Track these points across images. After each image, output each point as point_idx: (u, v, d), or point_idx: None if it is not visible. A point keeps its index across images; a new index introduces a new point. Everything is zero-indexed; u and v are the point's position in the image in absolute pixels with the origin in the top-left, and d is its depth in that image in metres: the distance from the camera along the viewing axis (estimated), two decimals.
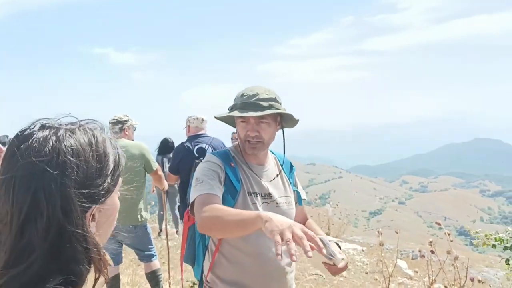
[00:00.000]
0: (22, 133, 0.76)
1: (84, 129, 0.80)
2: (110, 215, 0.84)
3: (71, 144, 0.75)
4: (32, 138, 0.74)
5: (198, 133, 4.64)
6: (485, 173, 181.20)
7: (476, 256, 10.90)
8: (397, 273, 6.02)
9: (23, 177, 0.71)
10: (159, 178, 4.46)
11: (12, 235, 0.70)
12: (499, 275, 6.39)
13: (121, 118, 4.24)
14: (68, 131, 0.77)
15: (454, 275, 2.90)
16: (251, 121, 1.86)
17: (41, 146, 0.73)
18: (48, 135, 0.74)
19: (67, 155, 0.73)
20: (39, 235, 0.69)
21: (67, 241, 0.71)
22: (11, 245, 0.70)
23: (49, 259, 0.70)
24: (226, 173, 1.87)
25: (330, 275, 1.80)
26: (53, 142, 0.73)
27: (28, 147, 0.73)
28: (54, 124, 0.78)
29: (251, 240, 1.85)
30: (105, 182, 0.78)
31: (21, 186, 0.70)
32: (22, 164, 0.71)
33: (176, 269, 5.88)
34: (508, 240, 3.42)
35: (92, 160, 0.77)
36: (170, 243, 6.18)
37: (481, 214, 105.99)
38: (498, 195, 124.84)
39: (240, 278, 1.88)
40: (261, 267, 1.87)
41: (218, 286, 1.91)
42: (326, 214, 9.20)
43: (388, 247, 7.41)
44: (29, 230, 0.69)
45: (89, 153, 0.76)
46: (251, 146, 1.89)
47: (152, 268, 4.34)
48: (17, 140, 0.75)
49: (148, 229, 4.35)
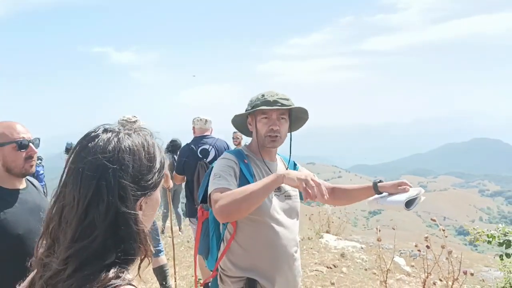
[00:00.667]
0: (89, 134, 0.96)
1: (138, 133, 1.00)
2: (153, 206, 1.04)
3: (128, 144, 0.95)
4: (98, 139, 0.94)
5: (203, 134, 4.78)
6: (484, 173, 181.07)
7: (476, 255, 11.02)
8: (395, 270, 6.17)
9: (89, 169, 0.90)
10: (165, 177, 4.61)
11: (77, 216, 0.88)
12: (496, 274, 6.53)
13: (131, 119, 4.37)
14: (126, 134, 0.97)
15: (448, 269, 3.05)
16: (273, 117, 2.11)
17: (105, 145, 0.93)
18: (111, 137, 0.95)
19: (125, 153, 0.93)
20: (100, 216, 0.88)
21: (122, 222, 0.90)
22: (76, 224, 0.88)
23: (108, 237, 0.89)
24: (241, 168, 2.09)
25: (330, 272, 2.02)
26: (115, 143, 0.94)
27: (95, 145, 0.93)
28: (115, 128, 0.99)
29: (263, 228, 2.06)
30: (153, 178, 0.99)
31: (87, 176, 0.89)
32: (89, 159, 0.91)
33: (181, 265, 6.04)
34: (499, 236, 3.57)
35: (144, 159, 0.97)
36: (174, 240, 6.33)
37: (480, 214, 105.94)
38: (497, 195, 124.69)
39: (254, 264, 2.07)
40: (273, 254, 2.07)
41: (233, 271, 2.09)
42: (325, 213, 9.34)
43: (388, 247, 7.56)
44: (92, 212, 0.88)
45: (142, 153, 0.97)
46: (271, 139, 2.13)
47: (159, 263, 4.49)
48: (85, 140, 0.95)
49: (155, 226, 4.50)
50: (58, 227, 0.91)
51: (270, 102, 2.08)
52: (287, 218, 2.15)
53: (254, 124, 2.18)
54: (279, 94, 2.14)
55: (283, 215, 2.13)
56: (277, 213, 2.10)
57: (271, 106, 2.07)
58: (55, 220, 0.92)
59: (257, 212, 2.01)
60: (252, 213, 1.99)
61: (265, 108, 2.07)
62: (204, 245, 2.26)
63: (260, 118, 2.13)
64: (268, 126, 2.11)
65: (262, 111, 2.10)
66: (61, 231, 0.90)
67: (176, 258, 5.41)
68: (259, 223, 2.06)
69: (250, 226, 2.06)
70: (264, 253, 2.07)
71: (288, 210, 2.18)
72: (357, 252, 7.08)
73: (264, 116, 2.12)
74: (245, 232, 2.08)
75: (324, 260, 6.40)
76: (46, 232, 0.94)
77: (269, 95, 2.12)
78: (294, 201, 2.23)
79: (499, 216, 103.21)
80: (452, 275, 2.98)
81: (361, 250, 7.27)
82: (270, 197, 2.10)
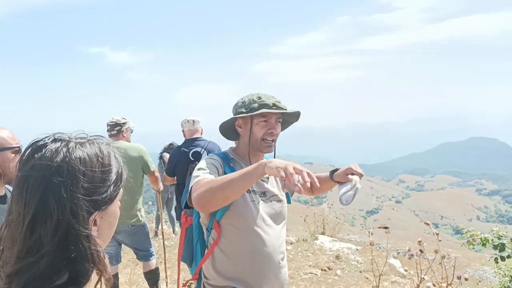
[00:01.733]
0: (36, 144, 0.88)
1: (92, 142, 0.92)
2: (110, 222, 0.96)
3: (79, 155, 0.86)
4: (45, 149, 0.86)
5: (193, 136, 4.71)
6: (481, 172, 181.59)
7: (473, 254, 11.01)
8: (390, 272, 6.12)
9: (34, 182, 0.82)
10: (155, 179, 4.55)
11: (23, 234, 0.81)
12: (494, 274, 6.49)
13: (119, 121, 4.32)
14: (77, 144, 0.89)
15: (442, 273, 3.00)
16: (271, 120, 2.04)
17: (52, 155, 0.84)
18: (60, 147, 0.86)
19: (75, 164, 0.84)
20: (48, 234, 0.80)
21: (73, 240, 0.82)
22: (22, 243, 0.81)
23: (57, 256, 0.81)
24: (225, 171, 1.99)
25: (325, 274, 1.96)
26: (64, 153, 0.85)
27: (42, 156, 0.84)
28: (65, 137, 0.90)
29: (248, 235, 1.99)
30: (108, 190, 0.90)
31: (32, 189, 0.81)
32: (35, 170, 0.83)
33: (173, 269, 5.96)
34: (493, 239, 3.52)
35: (98, 170, 0.89)
36: (167, 242, 6.26)
37: (477, 212, 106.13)
38: (494, 194, 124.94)
39: (237, 272, 2.00)
40: (258, 262, 2.00)
41: (215, 280, 2.02)
42: (322, 213, 9.29)
43: (385, 246, 7.51)
44: (39, 229, 0.80)
45: (95, 164, 0.88)
46: (267, 145, 2.06)
47: (150, 267, 4.42)
48: (31, 150, 0.87)
49: (147, 229, 4.44)
50: (6, 244, 0.84)
51: (269, 105, 2.01)
52: (273, 224, 2.08)
53: (247, 127, 2.08)
54: (275, 97, 2.07)
55: (269, 221, 2.06)
56: (263, 219, 2.03)
57: (272, 109, 2.00)
58: (5, 237, 0.85)
59: (241, 218, 1.95)
60: (237, 219, 1.93)
61: (270, 111, 1.99)
62: (187, 252, 2.19)
63: (258, 121, 2.03)
64: (267, 130, 2.04)
65: (262, 114, 2.01)
66: (8, 248, 0.83)
67: (168, 261, 5.35)
68: (243, 230, 1.98)
69: (234, 233, 1.98)
70: (249, 261, 2.00)
71: (274, 215, 2.10)
72: (352, 254, 7.03)
73: (263, 119, 2.03)
74: (229, 238, 2.00)
75: (319, 262, 6.34)
76: None
77: (265, 98, 2.04)
78: (281, 205, 2.15)
79: (496, 215, 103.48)
80: (445, 280, 2.93)
81: (356, 252, 7.22)
82: (256, 202, 2.03)
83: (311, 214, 8.67)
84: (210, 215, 2.00)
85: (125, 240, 4.29)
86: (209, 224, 2.04)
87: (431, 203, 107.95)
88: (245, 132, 2.10)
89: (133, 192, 4.16)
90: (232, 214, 1.96)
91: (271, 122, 2.04)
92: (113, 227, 0.99)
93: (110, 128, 4.28)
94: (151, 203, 10.54)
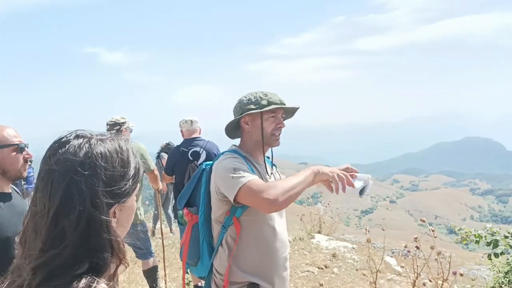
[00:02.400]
0: (60, 140, 0.94)
1: (112, 139, 0.98)
2: (129, 214, 1.02)
3: (101, 150, 0.92)
4: (68, 145, 0.91)
5: (192, 136, 4.75)
6: (475, 171, 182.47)
7: (467, 254, 11.09)
8: (386, 269, 6.19)
9: (59, 175, 0.87)
10: (155, 178, 4.59)
11: (47, 225, 0.86)
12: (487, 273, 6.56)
13: (119, 120, 4.35)
14: (99, 140, 0.94)
15: (437, 269, 3.06)
16: (279, 116, 2.15)
17: (76, 151, 0.90)
18: (82, 143, 0.92)
19: (97, 159, 0.90)
20: (71, 225, 0.85)
21: (94, 231, 0.87)
22: (47, 233, 0.86)
23: (79, 247, 0.86)
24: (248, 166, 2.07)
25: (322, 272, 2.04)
26: (86, 148, 0.91)
27: (65, 151, 0.90)
28: (87, 134, 0.96)
29: (264, 228, 2.07)
30: (127, 184, 0.96)
31: (57, 183, 0.87)
32: (59, 165, 0.88)
33: (171, 267, 6.00)
34: (486, 236, 3.58)
35: (118, 165, 0.94)
36: (165, 241, 6.29)
37: (471, 212, 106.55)
38: (488, 194, 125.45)
39: (257, 266, 2.07)
40: (273, 255, 2.09)
41: (235, 276, 2.06)
42: (317, 213, 9.34)
43: (380, 246, 7.57)
44: (62, 221, 0.85)
45: (115, 159, 0.94)
46: (276, 138, 2.16)
47: (149, 265, 4.46)
48: (55, 145, 0.93)
49: (146, 227, 4.47)
50: (30, 234, 0.89)
51: (276, 101, 2.11)
52: (280, 218, 2.17)
53: (256, 123, 2.13)
54: (277, 94, 2.17)
55: (278, 216, 2.15)
56: (275, 214, 2.11)
57: (282, 105, 2.12)
58: (29, 227, 0.90)
59: (260, 213, 2.01)
60: (257, 213, 2.00)
61: (281, 106, 2.10)
62: (194, 251, 2.20)
63: (268, 117, 2.12)
64: (276, 125, 2.13)
65: (271, 110, 2.11)
66: (33, 239, 0.88)
67: (166, 260, 5.38)
68: (262, 224, 2.06)
69: (252, 228, 2.05)
70: (266, 254, 2.08)
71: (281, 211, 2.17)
72: (349, 252, 7.09)
73: (272, 115, 2.13)
74: (250, 233, 2.05)
75: (316, 260, 6.39)
76: (21, 239, 0.91)
77: (271, 95, 2.14)
78: None
79: (490, 214, 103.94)
80: (441, 275, 2.99)
81: (352, 250, 7.28)
82: None
83: (307, 213, 8.72)
84: (230, 212, 2.04)
85: (124, 238, 4.32)
86: (226, 221, 2.06)
87: (426, 203, 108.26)
88: (254, 129, 2.14)
89: None
90: (253, 209, 2.01)
91: (279, 117, 2.15)
92: (131, 219, 1.04)
93: (109, 127, 4.32)
94: (148, 203, 10.57)
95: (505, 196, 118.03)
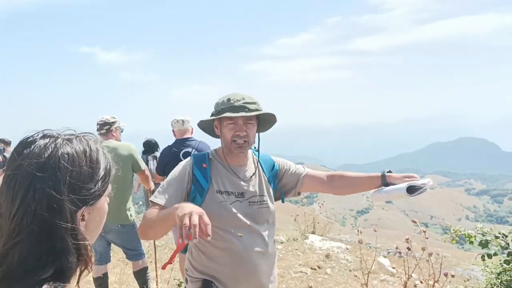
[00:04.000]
0: (26, 140, 0.90)
1: (80, 139, 0.94)
2: (98, 218, 0.97)
3: (67, 151, 0.88)
4: (34, 145, 0.88)
5: (184, 135, 4.72)
6: (470, 171, 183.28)
7: (462, 254, 11.09)
8: (380, 270, 6.17)
9: (21, 177, 0.84)
10: (146, 178, 4.55)
11: (7, 228, 0.83)
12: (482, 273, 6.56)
13: (109, 120, 4.31)
14: (65, 140, 0.90)
15: (429, 270, 3.03)
16: (239, 122, 2.03)
17: (40, 151, 0.86)
18: (48, 143, 0.88)
19: (61, 160, 0.86)
20: (27, 229, 0.82)
21: (56, 235, 0.83)
22: (6, 237, 0.83)
23: (39, 250, 0.82)
24: (194, 173, 2.08)
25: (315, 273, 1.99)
26: (52, 149, 0.87)
27: (30, 152, 0.86)
28: (54, 134, 0.92)
29: (222, 235, 2.03)
30: (95, 186, 0.92)
31: (19, 185, 0.83)
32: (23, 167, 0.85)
33: None
34: (476, 236, 3.56)
35: (85, 166, 0.90)
36: (157, 242, 6.25)
37: (466, 212, 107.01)
38: (483, 194, 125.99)
39: (211, 268, 2.07)
40: (232, 261, 2.03)
41: (192, 272, 2.12)
42: (312, 213, 9.31)
43: (376, 246, 7.55)
44: (20, 224, 0.82)
45: (82, 160, 0.90)
46: (237, 146, 2.05)
47: (140, 266, 4.41)
48: (21, 146, 0.89)
49: (136, 228, 4.42)
50: None
51: (236, 107, 1.99)
52: (252, 224, 2.08)
53: (220, 128, 2.10)
54: (246, 97, 2.04)
55: (245, 221, 2.06)
56: (238, 219, 2.04)
57: (237, 112, 1.98)
58: None
59: (216, 220, 1.95)
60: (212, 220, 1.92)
61: (230, 115, 1.98)
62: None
63: (226, 123, 2.05)
64: (234, 132, 2.03)
65: (229, 117, 2.02)
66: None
67: (158, 261, 5.34)
68: (218, 230, 2.00)
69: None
70: (223, 260, 2.05)
71: (253, 216, 2.10)
72: (342, 252, 7.07)
73: (230, 122, 2.04)
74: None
75: (309, 261, 6.36)
76: None
77: (235, 100, 2.02)
78: (261, 206, 2.14)
79: (485, 214, 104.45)
80: (432, 276, 2.97)
81: (346, 251, 7.26)
82: (228, 203, 2.05)
83: (301, 214, 8.69)
84: None
85: (114, 239, 4.28)
86: None
87: (421, 203, 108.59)
88: (220, 134, 2.11)
89: (122, 191, 4.15)
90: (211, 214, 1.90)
91: (239, 124, 2.03)
92: (101, 222, 1.00)
93: (99, 127, 4.28)
94: (141, 203, 10.52)
95: (500, 196, 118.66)
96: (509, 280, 3.54)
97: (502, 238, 3.49)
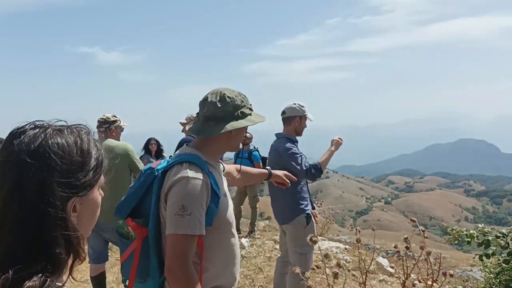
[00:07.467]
0: (16, 131, 0.88)
1: (71, 130, 0.92)
2: (91, 209, 0.95)
3: (57, 141, 0.87)
4: (24, 135, 0.86)
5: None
6: (469, 173, 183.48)
7: (461, 255, 11.09)
8: (378, 270, 6.15)
9: (10, 166, 0.82)
10: None
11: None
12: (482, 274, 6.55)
13: (109, 118, 4.28)
14: (56, 131, 0.89)
15: (427, 270, 3.02)
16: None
17: (30, 141, 0.85)
18: (38, 133, 0.87)
19: (51, 148, 0.85)
20: (16, 218, 0.80)
21: (46, 225, 0.81)
22: None
23: (28, 241, 0.80)
24: (211, 183, 1.83)
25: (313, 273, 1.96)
26: (42, 138, 0.86)
27: (20, 142, 0.85)
28: (45, 124, 0.90)
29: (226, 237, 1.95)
30: (86, 176, 0.90)
31: (8, 174, 0.82)
32: (12, 156, 0.83)
33: None
34: (478, 236, 3.55)
35: (75, 155, 0.88)
36: None
37: (465, 213, 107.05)
38: (483, 195, 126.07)
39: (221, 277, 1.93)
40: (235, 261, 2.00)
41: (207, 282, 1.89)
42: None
43: (373, 245, 7.54)
44: (9, 213, 0.80)
45: (73, 149, 0.88)
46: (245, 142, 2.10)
47: None
48: (11, 136, 0.88)
49: None
50: None
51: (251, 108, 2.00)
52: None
53: (242, 132, 2.04)
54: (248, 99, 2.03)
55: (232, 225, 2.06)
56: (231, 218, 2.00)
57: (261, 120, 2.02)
58: None
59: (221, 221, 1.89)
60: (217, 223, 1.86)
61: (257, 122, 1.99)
62: (144, 267, 1.87)
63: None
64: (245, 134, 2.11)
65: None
66: None
67: None
68: (223, 233, 1.93)
69: (215, 240, 1.88)
70: (229, 263, 1.97)
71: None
72: (341, 253, 7.06)
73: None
74: (212, 247, 1.88)
75: None
76: None
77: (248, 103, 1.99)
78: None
79: (484, 216, 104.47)
80: (431, 276, 2.96)
81: (344, 251, 7.25)
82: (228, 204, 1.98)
83: None
84: None
85: (112, 238, 4.26)
86: None
87: (420, 204, 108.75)
88: (237, 137, 2.02)
89: (120, 190, 4.13)
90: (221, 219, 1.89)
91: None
92: (95, 215, 0.98)
93: (99, 124, 4.26)
94: None
95: (499, 198, 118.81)
96: (508, 280, 3.53)
97: (502, 238, 3.48)
